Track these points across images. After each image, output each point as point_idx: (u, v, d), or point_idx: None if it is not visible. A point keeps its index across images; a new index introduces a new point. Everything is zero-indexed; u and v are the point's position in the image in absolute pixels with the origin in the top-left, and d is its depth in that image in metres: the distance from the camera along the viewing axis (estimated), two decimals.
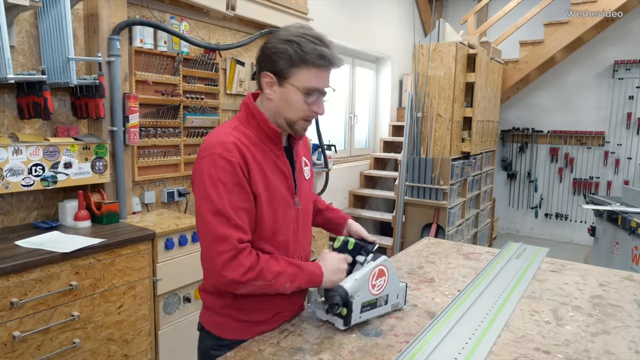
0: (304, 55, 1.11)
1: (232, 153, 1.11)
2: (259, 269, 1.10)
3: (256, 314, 1.22)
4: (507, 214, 6.46)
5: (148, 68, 2.65)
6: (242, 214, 1.12)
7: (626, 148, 5.63)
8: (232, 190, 1.10)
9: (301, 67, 1.13)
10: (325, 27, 4.40)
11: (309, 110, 1.17)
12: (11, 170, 1.96)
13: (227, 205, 1.09)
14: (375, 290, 1.22)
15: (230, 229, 1.09)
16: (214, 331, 1.26)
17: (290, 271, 1.14)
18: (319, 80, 1.15)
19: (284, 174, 1.22)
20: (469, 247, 2.00)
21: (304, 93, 1.14)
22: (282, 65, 1.13)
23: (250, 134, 1.18)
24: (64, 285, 1.81)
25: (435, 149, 4.13)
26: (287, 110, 1.17)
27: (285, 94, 1.15)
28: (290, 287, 1.14)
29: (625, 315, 1.30)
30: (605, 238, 3.48)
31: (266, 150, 1.19)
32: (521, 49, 5.64)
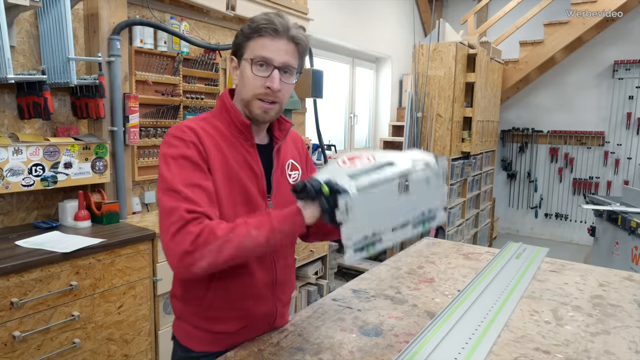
0: (255, 26, 1.08)
1: (186, 133, 1.06)
2: (209, 230, 0.95)
3: (224, 324, 1.13)
4: (507, 214, 6.46)
5: (148, 68, 2.65)
6: (195, 190, 1.00)
7: (626, 148, 5.64)
8: (183, 166, 1.02)
9: (252, 39, 1.08)
10: (325, 27, 4.42)
11: (261, 86, 1.07)
12: (11, 170, 1.96)
13: (176, 180, 1.00)
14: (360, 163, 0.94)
15: (179, 201, 0.98)
16: (182, 341, 1.18)
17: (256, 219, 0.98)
18: (268, 49, 1.06)
19: (254, 171, 1.13)
20: (469, 247, 2.00)
21: (250, 62, 1.07)
22: (239, 42, 1.11)
23: (221, 127, 1.12)
24: (64, 285, 1.81)
25: (435, 149, 4.13)
26: (242, 89, 1.11)
27: (242, 72, 1.11)
28: (259, 234, 0.96)
29: (625, 315, 1.30)
30: (605, 238, 3.48)
31: (237, 145, 1.12)
32: (521, 49, 5.64)
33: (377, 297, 1.42)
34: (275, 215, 0.98)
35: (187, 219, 0.96)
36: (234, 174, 1.09)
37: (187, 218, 0.96)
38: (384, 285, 1.52)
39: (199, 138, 1.06)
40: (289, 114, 3.27)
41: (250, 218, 0.99)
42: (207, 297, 1.11)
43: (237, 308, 1.12)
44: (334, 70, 5.06)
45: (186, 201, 0.98)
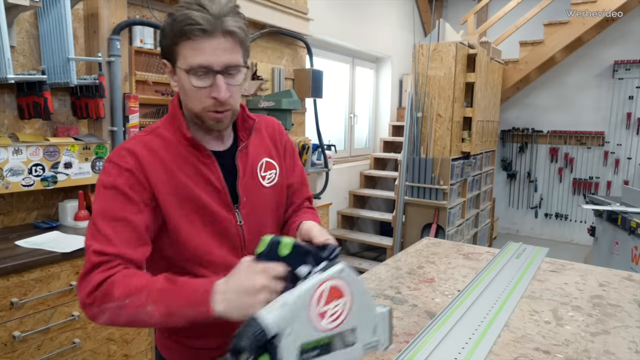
0: (179, 27, 0.88)
1: (123, 158, 0.94)
2: (107, 285, 0.83)
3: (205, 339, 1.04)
4: (507, 214, 6.46)
5: (148, 68, 2.65)
6: (115, 224, 0.89)
7: (626, 148, 5.64)
8: (112, 197, 0.91)
9: (181, 43, 0.89)
10: (325, 27, 4.42)
11: (207, 97, 0.92)
12: (11, 170, 1.96)
13: (99, 214, 0.90)
14: (326, 322, 0.74)
15: (93, 239, 0.88)
16: (164, 354, 1.10)
17: (159, 287, 0.82)
18: (202, 54, 0.88)
19: (212, 185, 0.99)
20: (469, 247, 2.00)
21: (187, 73, 0.91)
22: (165, 46, 0.93)
23: (170, 138, 0.99)
24: (64, 285, 1.81)
25: (435, 149, 4.13)
26: (187, 101, 0.96)
27: (180, 82, 0.94)
28: (158, 312, 0.80)
29: (625, 315, 1.30)
30: (605, 238, 3.49)
31: (188, 157, 0.98)
32: (521, 49, 5.64)
33: (377, 297, 1.42)
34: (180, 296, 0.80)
35: (94, 263, 0.86)
36: (188, 192, 0.96)
37: (94, 262, 0.86)
38: (384, 285, 1.52)
39: (139, 162, 0.94)
40: (289, 114, 3.27)
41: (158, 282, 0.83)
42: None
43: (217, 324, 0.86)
44: (334, 70, 5.06)
45: (101, 240, 0.88)
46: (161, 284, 0.83)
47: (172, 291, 0.81)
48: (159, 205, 0.95)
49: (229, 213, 1.01)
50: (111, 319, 0.83)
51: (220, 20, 0.88)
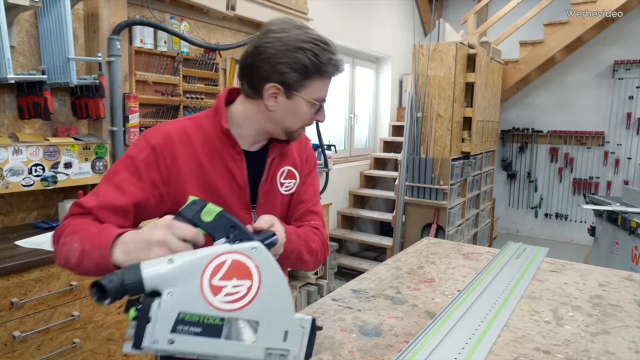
0: (321, 67, 0.99)
1: (155, 137, 0.99)
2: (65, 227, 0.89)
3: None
4: (507, 214, 6.46)
5: (148, 68, 2.65)
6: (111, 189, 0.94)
7: (626, 148, 5.64)
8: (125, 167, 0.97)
9: (315, 79, 1.00)
10: (325, 27, 4.41)
11: (311, 119, 1.07)
12: (11, 170, 1.97)
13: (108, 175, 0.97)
14: (220, 298, 0.65)
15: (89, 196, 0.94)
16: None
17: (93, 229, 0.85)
18: (325, 90, 1.05)
19: (236, 182, 1.04)
20: (469, 247, 2.00)
21: (313, 104, 1.04)
22: (295, 77, 0.99)
23: (209, 129, 1.04)
24: (64, 285, 1.82)
25: (435, 149, 4.13)
26: (290, 120, 1.04)
27: (293, 105, 1.02)
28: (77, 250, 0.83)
29: (625, 315, 1.30)
30: (605, 238, 3.49)
31: (221, 151, 1.04)
32: (521, 49, 5.64)
33: (377, 297, 1.42)
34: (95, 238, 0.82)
35: (72, 213, 0.93)
36: (210, 184, 1.02)
37: (72, 212, 0.93)
38: (384, 285, 1.52)
39: (170, 144, 0.99)
40: None
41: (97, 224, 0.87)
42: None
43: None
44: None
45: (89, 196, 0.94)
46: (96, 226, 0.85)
47: (94, 233, 0.83)
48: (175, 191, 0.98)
49: (246, 212, 1.07)
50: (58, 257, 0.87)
51: (343, 67, 1.04)
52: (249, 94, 1.04)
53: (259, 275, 0.68)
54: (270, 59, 0.97)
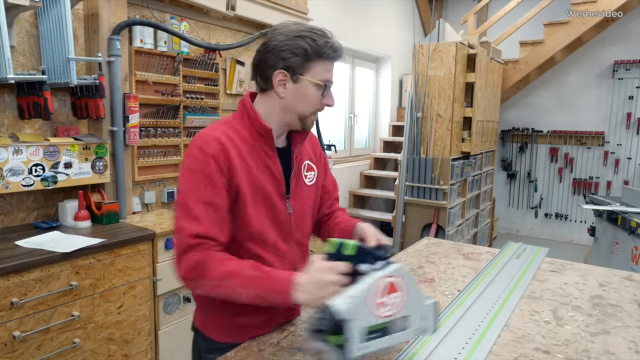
0: (319, 49, 1.10)
1: (209, 144, 1.08)
2: (204, 267, 1.01)
3: (247, 316, 1.16)
4: (507, 214, 6.46)
5: (148, 68, 2.65)
6: (205, 207, 1.04)
7: (626, 148, 5.64)
8: (200, 181, 1.06)
9: (316, 61, 1.11)
10: (325, 27, 4.40)
11: (321, 103, 1.16)
12: (11, 170, 1.97)
13: (189, 195, 1.05)
14: (384, 310, 0.92)
15: (186, 221, 1.04)
16: (205, 332, 1.22)
17: (248, 274, 1.00)
18: (330, 72, 1.15)
19: (274, 175, 1.17)
20: (469, 247, 2.00)
21: (320, 86, 1.13)
22: (298, 61, 1.10)
23: (242, 130, 1.15)
24: (64, 285, 1.82)
25: (435, 149, 4.13)
26: (301, 105, 1.15)
27: (301, 89, 1.13)
28: (247, 294, 1.00)
29: (625, 315, 1.30)
30: (605, 238, 3.49)
31: (257, 149, 1.15)
32: (521, 49, 5.64)
33: None
34: (267, 284, 0.99)
35: (190, 244, 1.03)
36: (256, 179, 1.13)
37: (190, 244, 1.03)
38: None
39: (224, 149, 1.08)
40: None
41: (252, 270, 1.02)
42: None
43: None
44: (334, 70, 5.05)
45: (193, 221, 1.03)
46: (250, 271, 1.01)
47: (261, 279, 1.00)
48: (235, 189, 1.10)
49: (282, 202, 1.18)
50: (206, 292, 1.06)
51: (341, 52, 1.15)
52: (263, 86, 1.16)
53: (405, 286, 0.95)
54: (274, 49, 1.11)
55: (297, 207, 1.22)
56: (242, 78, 3.28)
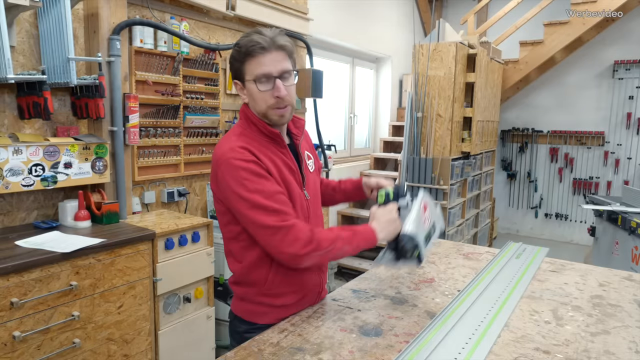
0: (242, 50, 1.22)
1: (243, 154, 1.20)
2: (316, 241, 1.18)
3: (284, 298, 1.31)
4: (507, 214, 6.46)
5: (148, 68, 2.65)
6: (277, 197, 1.20)
7: (626, 148, 5.64)
8: (259, 182, 1.19)
9: (247, 61, 1.22)
10: (325, 27, 4.42)
11: (271, 97, 1.23)
12: (11, 170, 1.97)
13: (258, 197, 1.17)
14: (427, 224, 1.33)
15: (271, 215, 1.17)
16: (246, 317, 1.35)
17: (345, 235, 1.23)
18: (264, 65, 1.21)
19: (292, 169, 1.31)
20: (469, 247, 2.00)
21: (254, 82, 1.23)
22: (237, 66, 1.25)
23: (255, 136, 1.28)
24: (64, 285, 1.81)
25: (435, 149, 4.13)
26: (255, 105, 1.27)
27: (249, 91, 1.26)
28: (349, 249, 1.23)
29: (625, 315, 1.30)
30: (605, 238, 3.49)
31: (272, 149, 1.29)
32: (521, 49, 5.63)
33: (377, 297, 1.42)
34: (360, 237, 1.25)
35: (288, 225, 1.17)
36: (282, 173, 1.28)
37: (288, 225, 1.17)
38: (384, 285, 1.52)
39: (254, 154, 1.21)
40: None
41: (343, 231, 1.24)
42: (268, 278, 1.28)
43: (293, 283, 1.31)
44: (334, 70, 5.06)
45: (276, 213, 1.18)
46: (344, 233, 1.24)
47: (355, 236, 1.24)
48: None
49: (301, 191, 1.34)
50: (315, 262, 1.24)
51: (273, 39, 1.22)
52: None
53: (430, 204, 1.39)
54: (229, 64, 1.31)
55: (312, 193, 1.39)
56: None
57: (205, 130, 3.02)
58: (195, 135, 2.97)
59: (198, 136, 2.98)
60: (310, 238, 1.17)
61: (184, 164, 2.91)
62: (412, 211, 1.31)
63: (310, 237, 1.17)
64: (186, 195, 2.96)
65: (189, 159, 2.95)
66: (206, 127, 3.03)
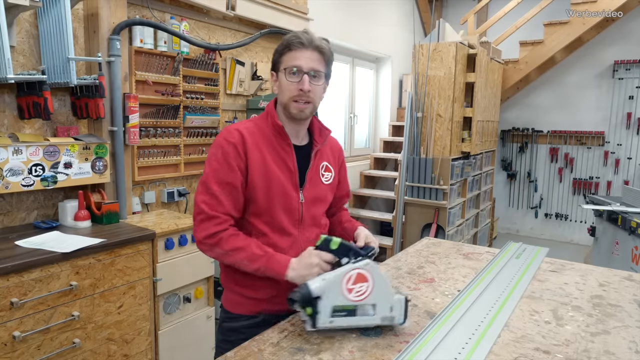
0: (286, 43, 1.30)
1: (232, 134, 1.28)
2: (219, 238, 1.24)
3: (257, 291, 1.33)
4: (507, 214, 6.46)
5: (148, 68, 2.65)
6: (223, 187, 1.26)
7: (626, 148, 5.64)
8: (221, 164, 1.26)
9: (285, 53, 1.30)
10: (325, 27, 4.41)
11: (295, 89, 1.29)
12: (11, 170, 1.97)
13: (211, 176, 1.27)
14: (352, 295, 1.13)
15: (207, 197, 1.26)
16: (225, 306, 1.40)
17: (252, 252, 1.24)
18: (297, 59, 1.28)
19: (288, 167, 1.33)
20: (469, 247, 2.00)
21: (285, 72, 1.30)
22: (276, 58, 1.33)
23: (264, 127, 1.34)
24: (64, 285, 1.81)
25: (435, 149, 4.13)
26: (281, 95, 1.33)
27: (280, 82, 1.33)
28: (250, 266, 1.24)
29: (625, 315, 1.30)
30: (605, 238, 3.48)
31: (275, 144, 1.33)
32: (521, 49, 5.63)
33: None
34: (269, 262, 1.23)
35: (209, 215, 1.25)
36: (270, 168, 1.30)
37: (209, 215, 1.25)
38: None
39: (243, 138, 1.28)
40: None
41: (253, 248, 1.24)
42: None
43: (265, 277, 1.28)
44: (334, 70, 5.05)
45: (213, 198, 1.25)
46: (255, 249, 1.24)
47: (263, 257, 1.24)
48: (248, 172, 1.29)
49: (295, 191, 1.34)
50: (216, 258, 1.31)
51: (313, 39, 1.30)
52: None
53: (372, 278, 1.15)
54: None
55: (310, 199, 1.37)
56: (242, 78, 3.28)
57: (205, 130, 3.02)
58: (195, 135, 2.97)
59: (198, 136, 2.98)
60: (214, 233, 1.24)
61: (184, 164, 2.92)
62: (336, 271, 1.15)
63: (217, 233, 1.24)
64: (186, 195, 2.96)
65: (189, 159, 2.95)
66: (206, 127, 3.03)
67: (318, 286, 1.10)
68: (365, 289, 1.14)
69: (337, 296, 1.12)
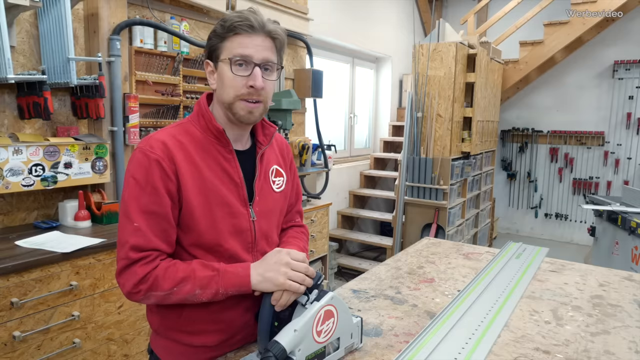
0: (226, 24, 1.01)
1: (153, 149, 1.00)
2: (153, 279, 0.97)
3: (204, 337, 1.08)
4: (507, 214, 6.46)
5: (148, 68, 2.65)
6: (148, 218, 0.98)
7: (626, 148, 5.64)
8: (144, 190, 0.98)
9: (227, 39, 1.02)
10: (325, 27, 4.42)
11: (243, 86, 1.02)
12: (11, 170, 1.96)
13: (133, 205, 0.99)
14: (322, 337, 0.98)
15: (129, 234, 0.98)
16: (162, 356, 1.12)
17: (201, 275, 0.98)
18: (245, 47, 1.01)
19: (233, 180, 1.07)
20: (469, 247, 2.00)
21: (230, 62, 1.01)
22: (214, 43, 1.04)
23: (196, 133, 1.06)
24: (64, 285, 1.81)
25: (435, 149, 4.13)
26: (222, 92, 1.04)
27: (220, 74, 1.04)
28: (205, 295, 0.98)
29: (625, 315, 1.30)
30: (605, 238, 3.49)
31: (212, 152, 1.06)
32: (521, 49, 5.63)
33: (377, 297, 1.42)
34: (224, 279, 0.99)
35: (133, 258, 0.97)
36: (210, 184, 1.04)
37: (133, 258, 0.97)
38: (384, 285, 1.52)
39: (169, 153, 1.00)
40: (289, 114, 3.27)
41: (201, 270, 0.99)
42: (185, 311, 1.06)
43: (218, 320, 1.07)
44: (334, 70, 5.06)
45: (135, 233, 0.97)
46: (201, 272, 0.99)
47: (215, 276, 0.99)
48: (181, 194, 1.02)
49: (244, 208, 1.09)
50: (158, 302, 1.00)
51: (265, 23, 1.03)
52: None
53: (337, 312, 1.01)
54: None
55: (263, 214, 1.13)
56: None
57: None
58: None
59: None
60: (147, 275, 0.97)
61: None
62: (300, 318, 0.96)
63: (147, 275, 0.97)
64: None
65: None
66: None
67: (290, 341, 0.92)
68: (332, 326, 1.00)
69: (310, 344, 0.96)
